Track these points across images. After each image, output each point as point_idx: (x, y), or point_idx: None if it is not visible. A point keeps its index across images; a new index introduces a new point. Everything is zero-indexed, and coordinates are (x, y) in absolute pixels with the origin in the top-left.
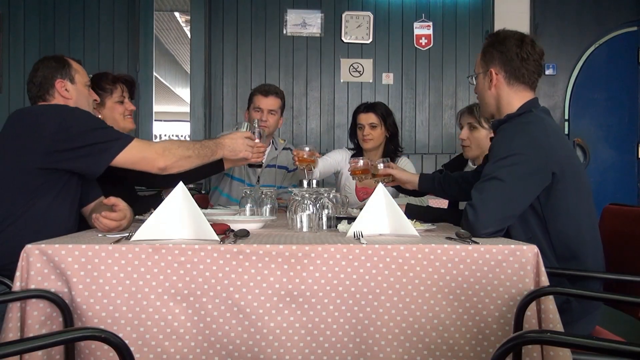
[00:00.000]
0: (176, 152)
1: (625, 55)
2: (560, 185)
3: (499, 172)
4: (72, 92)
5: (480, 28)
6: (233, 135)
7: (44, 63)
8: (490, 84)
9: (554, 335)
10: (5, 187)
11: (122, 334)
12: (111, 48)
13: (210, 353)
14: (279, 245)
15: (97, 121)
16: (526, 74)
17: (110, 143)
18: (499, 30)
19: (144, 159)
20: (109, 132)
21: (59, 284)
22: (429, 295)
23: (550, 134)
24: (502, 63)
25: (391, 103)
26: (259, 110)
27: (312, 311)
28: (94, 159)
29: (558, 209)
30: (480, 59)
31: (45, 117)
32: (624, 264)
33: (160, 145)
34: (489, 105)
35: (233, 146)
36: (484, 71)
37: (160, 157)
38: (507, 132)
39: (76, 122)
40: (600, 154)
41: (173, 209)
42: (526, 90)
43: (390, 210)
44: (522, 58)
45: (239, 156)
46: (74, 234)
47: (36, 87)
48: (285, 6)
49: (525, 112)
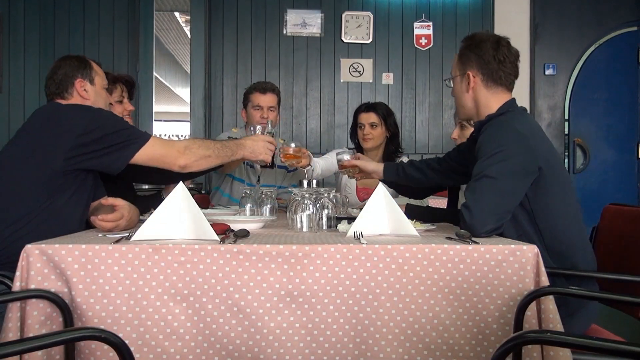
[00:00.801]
0: (197, 152)
1: (625, 55)
2: (547, 180)
3: (488, 169)
4: (91, 92)
5: (480, 28)
6: (255, 137)
7: (65, 61)
8: (468, 86)
9: (554, 335)
10: (27, 184)
11: (122, 333)
12: (111, 48)
13: (210, 353)
14: (279, 245)
15: (122, 122)
16: (503, 76)
17: (132, 141)
18: (475, 33)
19: (165, 156)
20: (132, 131)
21: (59, 284)
22: (429, 295)
23: (532, 130)
24: (479, 66)
25: (391, 103)
26: (259, 108)
27: (312, 311)
28: (116, 156)
29: (546, 203)
30: (457, 62)
31: (73, 116)
32: (624, 264)
33: (181, 144)
34: (466, 107)
35: (254, 147)
36: (461, 74)
37: (181, 155)
38: (492, 130)
39: (103, 122)
40: (600, 154)
41: (173, 209)
42: (504, 92)
43: (390, 210)
44: (499, 60)
45: (258, 158)
46: (75, 233)
47: (55, 84)
48: (285, 6)
49: (505, 112)
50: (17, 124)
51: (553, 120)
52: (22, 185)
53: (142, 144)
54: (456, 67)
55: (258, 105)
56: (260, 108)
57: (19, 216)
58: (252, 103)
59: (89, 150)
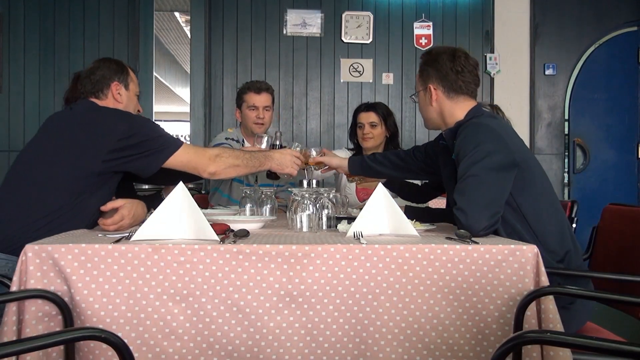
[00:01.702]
0: (227, 160)
1: (625, 55)
2: (527, 174)
3: (472, 169)
4: (124, 97)
5: (480, 28)
6: (283, 151)
7: (105, 63)
8: (431, 99)
9: (554, 335)
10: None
11: (120, 332)
12: (111, 48)
13: (209, 354)
14: (278, 245)
15: (159, 129)
16: (463, 86)
17: (166, 147)
18: (432, 47)
19: (197, 163)
20: (167, 138)
21: (58, 281)
22: (429, 295)
23: (505, 128)
24: (438, 79)
25: (391, 103)
26: (255, 108)
27: (312, 311)
28: (150, 160)
29: (530, 197)
30: (419, 78)
31: (115, 120)
32: (624, 264)
33: (213, 152)
34: (433, 119)
35: (281, 160)
36: (423, 88)
37: (212, 163)
38: (468, 131)
39: (143, 128)
40: (600, 154)
41: (173, 209)
42: (467, 99)
43: (390, 210)
44: (457, 71)
45: (285, 171)
46: (76, 233)
47: (92, 84)
48: (285, 6)
49: (474, 117)
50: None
51: (553, 120)
52: (56, 180)
53: (174, 150)
54: (418, 82)
55: (253, 105)
56: (255, 108)
57: (51, 210)
58: (247, 103)
59: (127, 154)
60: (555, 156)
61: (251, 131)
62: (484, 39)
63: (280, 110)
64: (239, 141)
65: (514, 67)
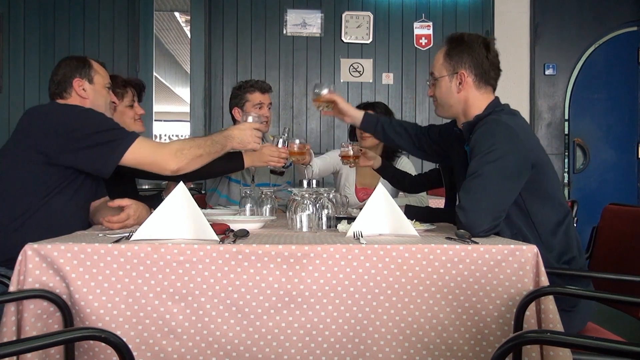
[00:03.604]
0: (189, 153)
1: (625, 55)
2: (540, 177)
3: (482, 169)
4: (90, 92)
5: (480, 28)
6: (241, 126)
7: (65, 62)
8: (460, 86)
9: (554, 335)
10: (21, 183)
11: (119, 331)
12: (111, 48)
13: (208, 353)
14: (278, 245)
15: (108, 122)
16: (493, 77)
17: (118, 141)
18: (460, 32)
19: (156, 159)
20: (118, 132)
21: (57, 279)
22: (428, 295)
23: (523, 127)
24: (473, 66)
25: (391, 103)
26: (261, 107)
27: (311, 311)
28: (103, 160)
29: (540, 203)
30: (445, 62)
31: (57, 116)
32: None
33: (173, 147)
34: (452, 108)
35: (242, 137)
36: (451, 73)
37: (174, 158)
38: (486, 128)
39: (87, 122)
40: (600, 154)
41: (173, 209)
42: (491, 92)
43: (390, 210)
44: (491, 62)
45: (247, 147)
46: (75, 232)
47: (55, 85)
48: (285, 6)
49: (493, 112)
50: None
51: (553, 120)
52: (19, 182)
53: (128, 144)
54: (442, 66)
55: (260, 103)
56: (261, 107)
57: (19, 213)
58: (252, 102)
59: (73, 147)
60: (555, 156)
61: None
62: None
63: (280, 110)
64: None
65: (514, 67)
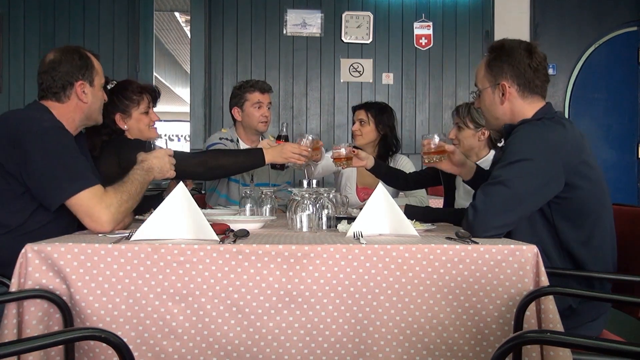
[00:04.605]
0: (122, 211)
1: (625, 55)
2: (574, 194)
3: (507, 176)
4: (89, 96)
5: (480, 28)
6: (158, 154)
7: (67, 56)
8: (503, 98)
9: (554, 335)
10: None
11: (120, 332)
12: (111, 48)
13: (209, 353)
14: (278, 245)
15: (72, 155)
16: (539, 85)
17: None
18: (502, 40)
19: (91, 221)
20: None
21: (57, 281)
22: (428, 295)
23: (566, 140)
24: (514, 76)
25: (391, 103)
26: (261, 106)
27: (311, 311)
28: (49, 195)
29: (568, 216)
30: (486, 73)
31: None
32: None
33: (109, 211)
34: (500, 119)
35: (161, 166)
36: (493, 85)
37: (108, 224)
38: (523, 134)
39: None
40: (600, 154)
41: (173, 209)
42: (539, 99)
43: (390, 210)
44: (534, 68)
45: (166, 175)
46: (75, 233)
47: (52, 80)
48: (285, 6)
49: (542, 118)
50: None
51: None
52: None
53: (80, 188)
54: (484, 78)
55: (260, 102)
56: (262, 106)
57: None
58: (252, 101)
59: (28, 169)
60: None
61: (255, 130)
62: (484, 39)
63: (280, 110)
64: (233, 140)
65: None
